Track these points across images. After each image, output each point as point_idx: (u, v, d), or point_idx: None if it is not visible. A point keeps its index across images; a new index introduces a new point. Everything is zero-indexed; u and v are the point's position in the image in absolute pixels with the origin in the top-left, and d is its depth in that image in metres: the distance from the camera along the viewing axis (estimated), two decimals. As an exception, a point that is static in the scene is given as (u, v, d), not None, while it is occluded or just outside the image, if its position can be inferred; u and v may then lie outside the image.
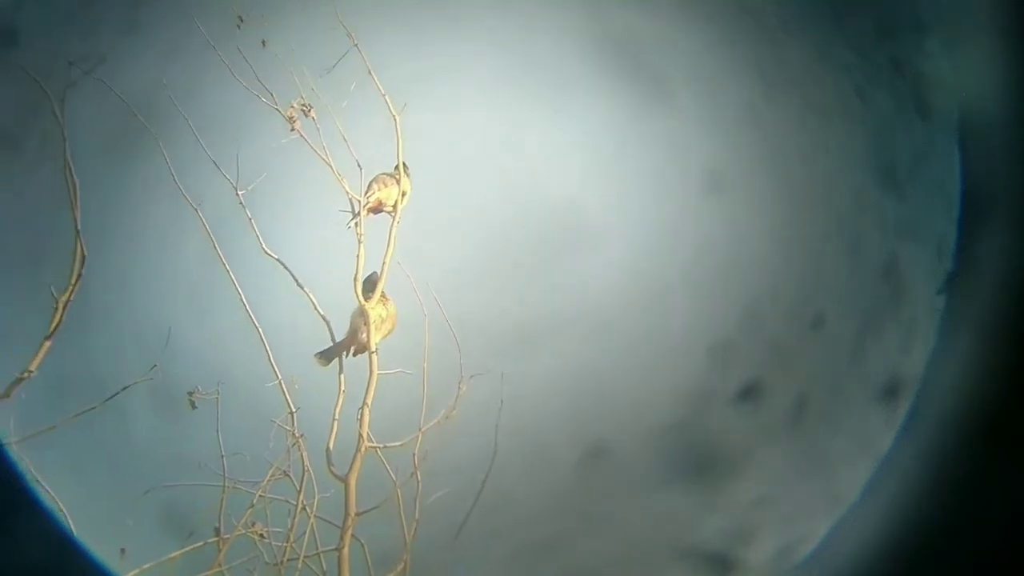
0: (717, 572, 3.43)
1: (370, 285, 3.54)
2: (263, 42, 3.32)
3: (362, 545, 3.38)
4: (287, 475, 3.39)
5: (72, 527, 3.17)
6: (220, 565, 3.33)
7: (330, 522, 3.40)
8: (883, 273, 3.46)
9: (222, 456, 3.36)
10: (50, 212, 3.44)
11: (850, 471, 3.28)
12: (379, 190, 3.54)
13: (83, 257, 3.30)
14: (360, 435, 3.42)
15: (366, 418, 3.44)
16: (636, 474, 3.51)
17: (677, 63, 3.56)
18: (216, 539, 3.34)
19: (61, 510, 3.19)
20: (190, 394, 3.37)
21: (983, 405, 2.86)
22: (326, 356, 3.53)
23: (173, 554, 3.30)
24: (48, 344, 3.29)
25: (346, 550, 3.37)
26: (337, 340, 3.52)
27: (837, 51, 3.46)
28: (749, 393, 3.48)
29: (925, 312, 3.30)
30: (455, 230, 3.62)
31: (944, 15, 3.19)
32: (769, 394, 3.48)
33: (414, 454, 3.41)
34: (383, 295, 3.55)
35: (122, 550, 3.25)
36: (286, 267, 3.47)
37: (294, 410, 3.41)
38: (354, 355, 3.55)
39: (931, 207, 3.35)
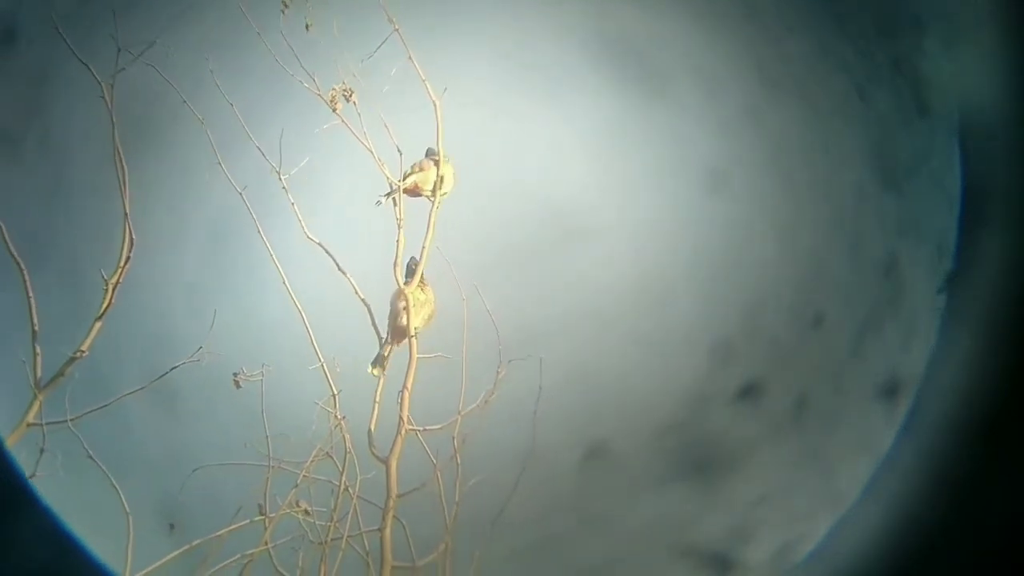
0: (717, 571, 3.43)
1: (410, 270, 3.55)
2: (307, 26, 3.32)
3: (404, 526, 3.42)
4: (330, 456, 3.43)
5: (125, 505, 3.25)
6: (267, 543, 3.37)
7: (372, 503, 3.44)
8: (883, 272, 3.46)
9: (267, 437, 3.40)
10: (50, 209, 3.46)
11: (850, 470, 3.28)
12: (416, 172, 3.54)
13: (131, 240, 3.33)
14: (400, 418, 3.46)
15: (406, 401, 3.48)
16: (636, 473, 3.52)
17: (678, 62, 3.56)
18: (262, 517, 3.39)
19: (114, 487, 3.26)
20: (235, 375, 3.41)
21: (983, 404, 2.86)
22: (379, 363, 3.57)
23: (219, 532, 3.35)
24: (99, 325, 3.34)
25: (388, 531, 3.41)
26: (377, 324, 3.54)
27: (838, 50, 3.45)
28: (749, 392, 3.49)
29: (925, 311, 3.29)
30: (456, 229, 3.62)
31: (944, 14, 3.18)
32: (769, 393, 3.48)
33: (454, 437, 3.44)
34: (422, 280, 3.56)
35: (171, 525, 3.34)
36: (327, 251, 3.50)
37: (336, 392, 3.45)
38: (396, 343, 3.57)
39: (931, 206, 3.35)
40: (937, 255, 3.27)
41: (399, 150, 3.46)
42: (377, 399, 3.49)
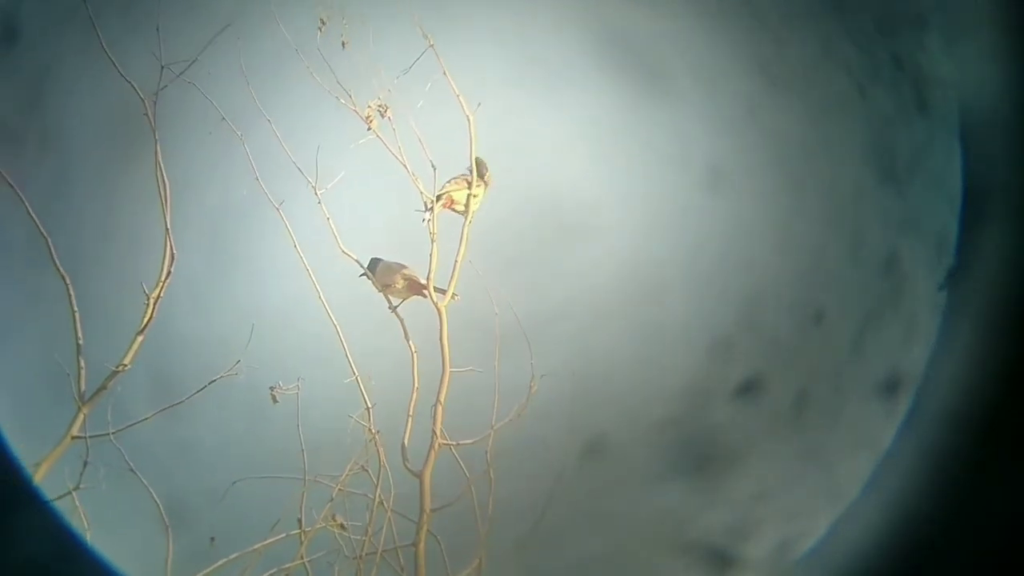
0: (717, 567, 3.44)
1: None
2: (343, 43, 3.33)
3: (438, 541, 3.43)
4: (365, 470, 3.43)
5: (165, 518, 3.28)
6: (302, 557, 3.37)
7: (407, 517, 3.44)
8: (884, 268, 3.46)
9: (302, 450, 3.40)
10: (51, 207, 3.45)
11: (850, 467, 3.29)
12: (452, 189, 3.56)
13: (172, 255, 3.36)
14: (433, 432, 3.46)
15: (439, 415, 3.47)
16: (636, 469, 3.52)
17: (678, 58, 3.56)
18: (298, 532, 3.39)
19: (155, 500, 3.30)
20: (271, 389, 3.41)
21: (983, 401, 2.87)
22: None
23: (256, 545, 3.36)
24: (141, 339, 3.37)
25: (422, 546, 3.41)
26: (408, 338, 3.55)
27: (838, 47, 3.45)
28: (749, 388, 3.49)
29: (926, 308, 3.30)
30: (455, 225, 3.62)
31: (945, 11, 3.19)
32: (769, 389, 3.48)
33: (487, 452, 3.44)
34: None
35: (212, 539, 3.34)
36: (362, 266, 3.56)
37: (371, 406, 3.45)
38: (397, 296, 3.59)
39: (932, 202, 3.35)
40: (937, 252, 3.27)
41: (433, 165, 3.47)
42: (411, 412, 3.49)
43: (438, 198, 3.53)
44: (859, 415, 3.38)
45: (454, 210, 3.58)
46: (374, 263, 3.60)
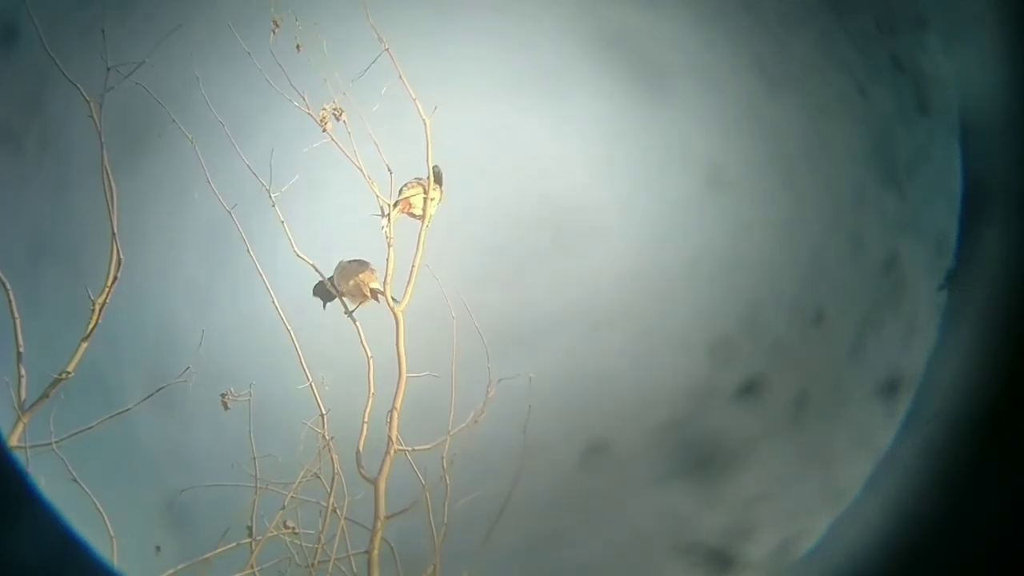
0: (717, 567, 3.44)
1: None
2: (298, 47, 3.33)
3: (392, 548, 3.40)
4: (318, 477, 3.40)
5: (110, 528, 3.23)
6: (253, 566, 3.36)
7: (360, 524, 3.42)
8: (884, 269, 3.46)
9: (254, 458, 3.38)
10: (50, 209, 3.46)
11: (850, 467, 3.29)
12: (409, 194, 3.56)
13: (119, 260, 3.32)
14: (389, 438, 3.43)
15: (395, 421, 3.44)
16: (637, 470, 3.52)
17: (679, 59, 3.56)
18: (249, 540, 3.37)
19: (99, 510, 3.25)
20: (223, 395, 3.39)
21: (983, 401, 2.86)
22: (322, 293, 3.56)
23: (207, 555, 3.34)
24: (85, 345, 3.32)
25: (376, 552, 3.39)
26: (364, 341, 3.53)
27: (838, 47, 3.45)
28: (750, 389, 3.49)
29: (926, 308, 3.30)
30: (455, 228, 3.62)
31: (944, 11, 3.19)
32: (769, 390, 3.48)
33: (443, 457, 3.42)
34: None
35: (157, 548, 3.31)
36: (318, 270, 3.54)
37: (325, 412, 3.43)
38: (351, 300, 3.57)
39: (932, 203, 3.35)
40: (937, 252, 3.27)
41: (389, 169, 3.46)
42: (366, 419, 3.46)
43: (395, 204, 3.52)
44: (859, 415, 3.38)
45: (411, 215, 3.58)
46: (320, 287, 3.58)
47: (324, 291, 3.59)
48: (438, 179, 3.58)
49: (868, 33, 3.42)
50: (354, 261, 3.60)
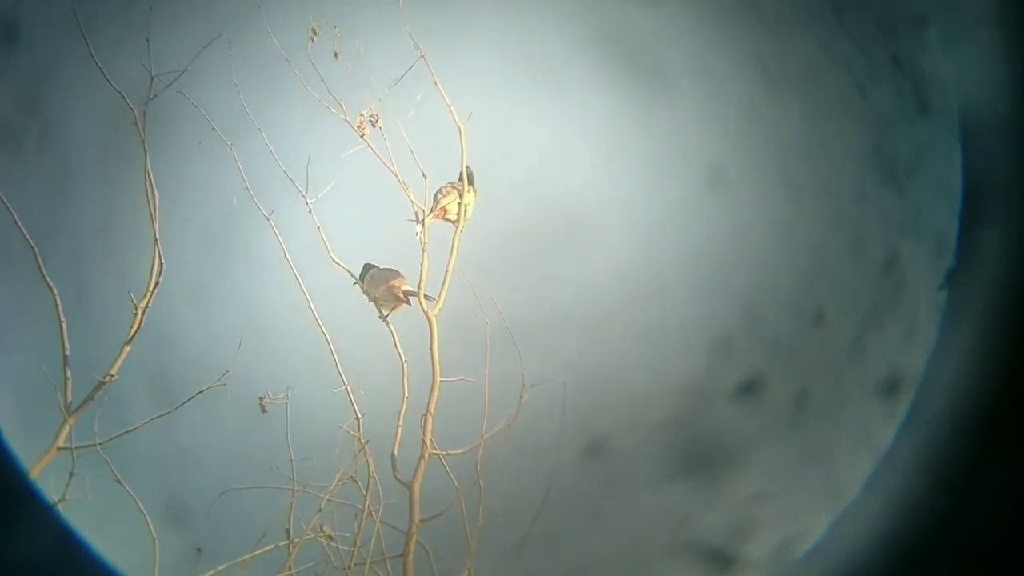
0: (717, 567, 3.44)
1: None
2: (336, 54, 3.33)
3: (427, 551, 3.41)
4: (354, 480, 3.41)
5: (152, 530, 3.28)
6: (290, 569, 3.37)
7: (396, 527, 3.42)
8: (884, 269, 3.46)
9: (291, 460, 3.39)
10: (50, 208, 3.46)
11: (850, 467, 3.29)
12: (443, 199, 3.55)
13: (161, 265, 3.34)
14: (423, 442, 3.44)
15: (429, 425, 3.45)
16: (636, 469, 3.52)
17: (678, 58, 3.56)
18: (287, 542, 3.38)
19: (141, 512, 3.29)
20: (261, 399, 3.40)
21: (983, 401, 2.86)
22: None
23: (243, 557, 3.36)
24: (128, 349, 3.34)
25: (411, 556, 3.40)
26: (398, 346, 3.53)
27: (838, 47, 3.45)
28: (750, 389, 3.49)
29: (926, 308, 3.30)
30: (448, 232, 3.62)
31: (944, 11, 3.19)
32: (769, 390, 3.48)
33: (476, 462, 3.43)
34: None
35: (198, 550, 3.34)
36: (352, 275, 3.53)
37: (360, 416, 3.43)
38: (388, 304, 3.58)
39: (932, 203, 3.35)
40: (937, 252, 3.27)
41: (424, 174, 3.46)
42: (400, 423, 3.45)
43: (431, 210, 3.52)
44: (859, 415, 3.38)
45: (447, 220, 3.58)
46: (367, 269, 3.60)
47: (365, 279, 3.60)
48: (471, 181, 3.58)
49: (868, 33, 3.42)
50: (384, 269, 3.60)
